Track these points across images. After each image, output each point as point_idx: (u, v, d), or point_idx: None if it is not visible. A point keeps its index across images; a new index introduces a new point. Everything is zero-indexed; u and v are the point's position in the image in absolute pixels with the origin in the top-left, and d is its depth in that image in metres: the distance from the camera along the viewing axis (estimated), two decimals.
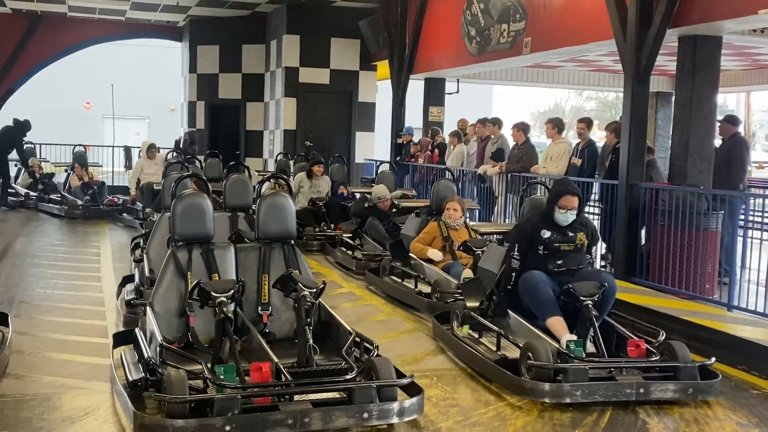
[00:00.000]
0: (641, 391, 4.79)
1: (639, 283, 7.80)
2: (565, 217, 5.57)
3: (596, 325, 5.13)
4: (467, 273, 7.19)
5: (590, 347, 5.18)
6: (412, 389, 4.51)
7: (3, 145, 15.15)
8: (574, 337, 5.18)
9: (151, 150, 13.82)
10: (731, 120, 9.22)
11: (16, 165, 16.45)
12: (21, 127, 15.26)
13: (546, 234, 5.56)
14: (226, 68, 17.95)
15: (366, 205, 10.17)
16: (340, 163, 12.86)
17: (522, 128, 10.64)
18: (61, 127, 25.37)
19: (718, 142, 8.76)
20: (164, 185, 7.84)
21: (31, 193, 15.22)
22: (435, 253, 7.77)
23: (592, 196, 9.60)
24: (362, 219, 10.14)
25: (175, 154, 13.55)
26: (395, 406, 4.29)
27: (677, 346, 5.04)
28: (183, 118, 19.71)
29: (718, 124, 9.12)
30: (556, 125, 10.10)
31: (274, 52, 16.85)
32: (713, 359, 5.14)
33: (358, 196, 11.42)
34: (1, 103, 18.58)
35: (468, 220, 8.48)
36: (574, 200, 5.58)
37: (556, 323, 5.34)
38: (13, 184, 15.94)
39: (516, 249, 5.64)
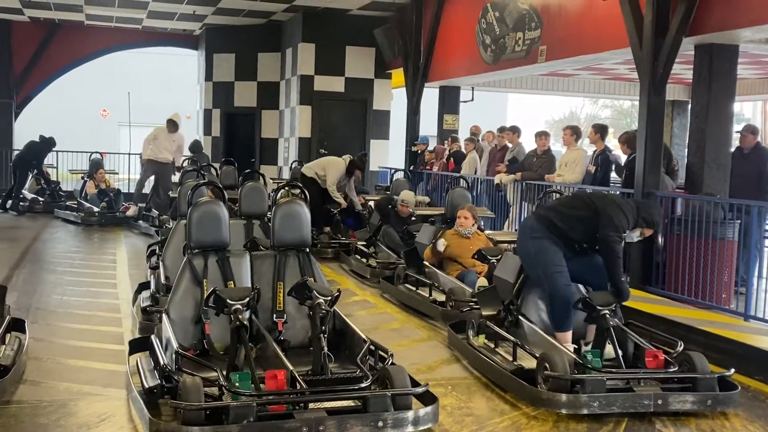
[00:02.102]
0: (659, 402, 4.74)
1: (654, 292, 7.75)
2: (631, 237, 5.56)
3: (614, 335, 5.10)
4: (482, 282, 7.17)
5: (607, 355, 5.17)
6: (427, 398, 4.50)
7: (28, 159, 15.30)
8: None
9: (174, 126, 13.59)
10: (753, 130, 9.18)
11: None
12: (47, 142, 15.42)
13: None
14: (241, 76, 18.04)
15: (390, 206, 10.20)
16: None
17: (547, 136, 10.68)
18: (77, 134, 25.54)
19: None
20: (180, 192, 7.88)
21: (39, 198, 15.51)
22: (440, 242, 7.79)
23: None
24: (381, 215, 10.19)
25: (189, 161, 13.60)
26: (410, 414, 4.27)
27: (696, 356, 5.00)
28: (199, 125, 19.81)
29: (737, 134, 9.09)
30: (574, 132, 10.09)
31: (290, 60, 16.91)
32: (732, 370, 5.09)
33: (372, 204, 11.43)
34: (19, 110, 18.76)
35: (482, 227, 8.46)
36: None
37: (568, 336, 5.42)
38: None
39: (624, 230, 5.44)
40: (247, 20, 17.15)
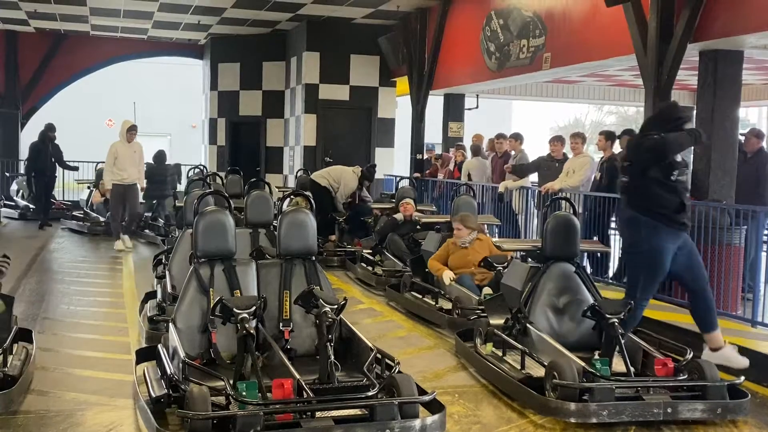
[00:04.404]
0: (669, 410, 4.71)
1: (662, 299, 7.71)
2: None
3: (622, 343, 5.07)
4: (487, 290, 7.16)
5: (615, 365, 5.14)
6: (434, 406, 4.49)
7: (38, 166, 14.55)
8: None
9: (132, 131, 11.59)
10: (757, 134, 9.15)
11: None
12: (42, 137, 14.72)
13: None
14: (246, 85, 18.08)
15: (391, 223, 10.17)
16: None
17: (563, 142, 10.64)
18: (83, 144, 25.58)
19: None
20: (186, 202, 7.90)
21: (30, 206, 15.61)
22: (446, 276, 7.62)
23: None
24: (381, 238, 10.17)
25: (196, 171, 13.59)
26: (417, 423, 4.27)
27: (705, 364, 4.98)
28: (204, 135, 19.86)
29: (741, 137, 9.08)
30: (582, 139, 10.09)
31: (294, 69, 16.95)
32: (742, 378, 5.07)
33: (377, 212, 11.43)
34: (25, 120, 18.81)
35: (486, 234, 8.44)
36: None
37: None
38: (14, 197, 16.19)
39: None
40: (251, 30, 17.19)
